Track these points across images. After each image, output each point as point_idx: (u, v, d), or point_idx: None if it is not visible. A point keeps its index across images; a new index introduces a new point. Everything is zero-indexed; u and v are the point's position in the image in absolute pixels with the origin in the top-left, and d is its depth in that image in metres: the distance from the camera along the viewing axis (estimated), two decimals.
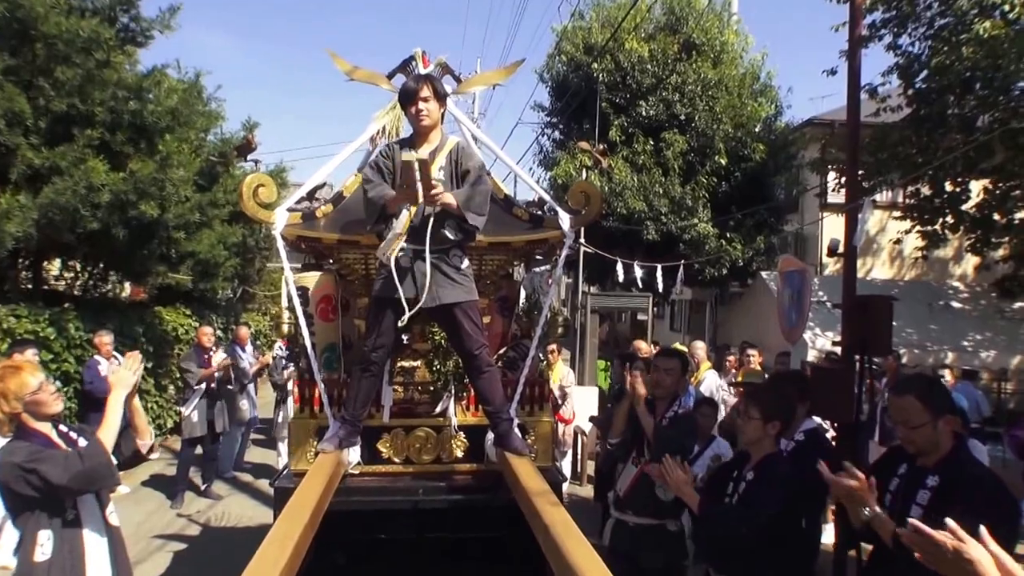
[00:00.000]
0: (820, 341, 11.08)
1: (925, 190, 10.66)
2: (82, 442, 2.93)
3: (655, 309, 14.87)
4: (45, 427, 2.84)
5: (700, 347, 7.58)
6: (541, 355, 4.74)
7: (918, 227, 11.14)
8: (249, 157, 11.77)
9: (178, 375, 8.74)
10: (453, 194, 3.00)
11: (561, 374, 7.46)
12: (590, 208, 3.58)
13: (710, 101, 13.77)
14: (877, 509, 2.31)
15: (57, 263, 9.99)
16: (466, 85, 4.17)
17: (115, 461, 2.89)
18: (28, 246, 7.39)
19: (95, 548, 2.89)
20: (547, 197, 3.80)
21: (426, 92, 3.11)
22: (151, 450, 3.26)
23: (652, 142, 13.68)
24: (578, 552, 1.95)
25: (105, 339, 7.11)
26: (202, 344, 7.59)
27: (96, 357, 7.08)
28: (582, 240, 10.46)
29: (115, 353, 7.19)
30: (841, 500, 2.48)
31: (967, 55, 8.44)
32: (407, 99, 3.14)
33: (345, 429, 3.22)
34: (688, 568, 3.62)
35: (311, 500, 2.49)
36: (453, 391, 3.54)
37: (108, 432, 2.82)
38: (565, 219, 3.54)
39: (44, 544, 2.74)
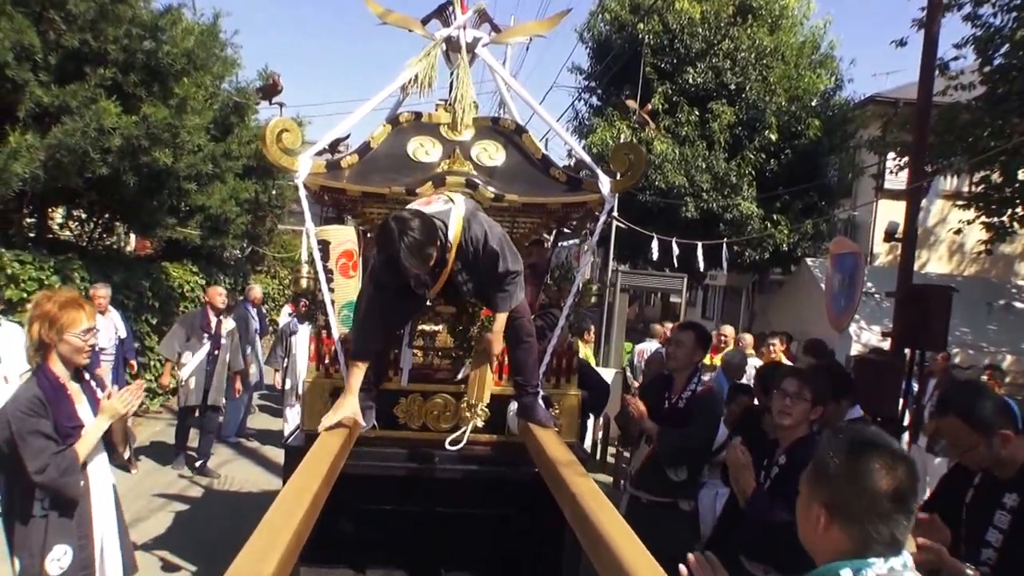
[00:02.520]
0: (866, 336, 10.99)
1: (995, 177, 10.47)
2: (98, 393, 3.03)
3: (688, 294, 14.83)
4: (62, 372, 2.86)
5: (730, 331, 7.79)
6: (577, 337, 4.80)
7: (983, 218, 10.96)
8: (273, 101, 11.85)
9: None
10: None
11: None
12: (633, 171, 3.57)
13: (764, 70, 13.60)
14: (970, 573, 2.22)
15: (61, 211, 10.15)
16: (505, 35, 4.20)
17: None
18: (33, 189, 7.50)
19: (102, 494, 2.98)
20: (586, 156, 3.81)
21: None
22: (129, 463, 3.35)
23: (698, 112, 13.57)
24: (609, 522, 1.99)
25: (100, 292, 6.96)
26: (215, 305, 7.21)
27: None
28: (615, 213, 10.43)
29: (112, 308, 7.28)
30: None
31: None
32: None
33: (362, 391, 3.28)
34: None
35: (328, 456, 2.55)
36: None
37: (84, 449, 2.84)
38: (605, 182, 3.55)
39: (43, 499, 2.78)
